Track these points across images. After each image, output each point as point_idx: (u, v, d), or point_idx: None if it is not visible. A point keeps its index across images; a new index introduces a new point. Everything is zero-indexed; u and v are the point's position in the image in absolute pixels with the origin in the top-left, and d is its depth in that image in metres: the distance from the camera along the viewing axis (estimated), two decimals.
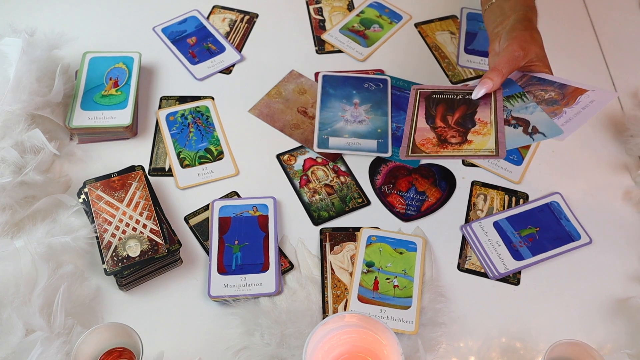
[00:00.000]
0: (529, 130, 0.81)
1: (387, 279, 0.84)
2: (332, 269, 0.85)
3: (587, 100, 0.81)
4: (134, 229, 0.82)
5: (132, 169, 0.88)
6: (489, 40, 0.89)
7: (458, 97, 0.86)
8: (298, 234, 0.88)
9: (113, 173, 0.87)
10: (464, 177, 0.95)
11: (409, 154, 0.82)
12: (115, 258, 0.80)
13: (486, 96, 0.85)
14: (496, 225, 0.90)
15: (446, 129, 0.83)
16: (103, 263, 0.80)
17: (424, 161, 0.95)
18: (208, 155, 0.95)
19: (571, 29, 1.15)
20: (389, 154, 0.96)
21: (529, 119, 0.82)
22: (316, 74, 1.05)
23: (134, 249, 0.81)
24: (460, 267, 0.87)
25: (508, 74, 0.83)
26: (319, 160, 0.96)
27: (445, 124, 0.84)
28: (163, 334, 0.80)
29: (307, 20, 1.13)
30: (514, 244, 0.88)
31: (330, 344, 0.69)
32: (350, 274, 0.84)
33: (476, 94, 0.84)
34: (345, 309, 0.82)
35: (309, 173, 0.94)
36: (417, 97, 0.87)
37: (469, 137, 0.82)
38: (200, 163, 0.94)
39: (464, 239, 0.89)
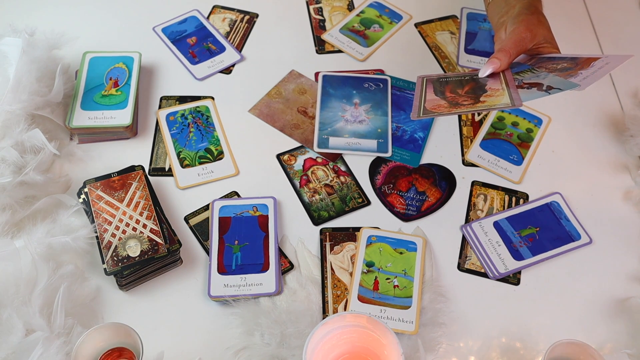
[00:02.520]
0: (544, 88, 0.77)
1: (387, 279, 0.84)
2: (332, 269, 0.85)
3: (602, 63, 0.77)
4: (134, 229, 0.82)
5: (132, 168, 0.88)
6: (493, 32, 0.88)
7: (466, 78, 0.84)
8: (298, 234, 0.88)
9: (113, 173, 0.87)
10: (464, 177, 0.95)
11: (420, 115, 0.78)
12: (115, 258, 0.80)
13: (494, 75, 0.82)
14: (496, 225, 0.90)
15: (457, 97, 0.80)
16: (103, 263, 0.80)
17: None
18: (208, 155, 0.95)
19: (571, 29, 1.15)
20: (389, 154, 0.96)
21: (542, 82, 0.78)
22: (316, 74, 1.05)
23: (134, 249, 0.81)
24: (460, 267, 0.87)
25: (515, 55, 0.81)
26: (319, 160, 0.96)
27: (455, 94, 0.81)
28: (163, 334, 0.80)
29: (307, 20, 1.13)
30: (514, 244, 0.88)
31: (330, 344, 0.69)
32: (350, 274, 0.84)
33: (483, 73, 0.82)
34: (345, 309, 0.82)
35: (309, 173, 0.94)
36: (423, 83, 0.85)
37: (482, 99, 0.78)
38: (200, 163, 0.94)
39: (464, 239, 0.89)
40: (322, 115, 1.00)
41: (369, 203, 0.92)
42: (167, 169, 0.94)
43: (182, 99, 1.01)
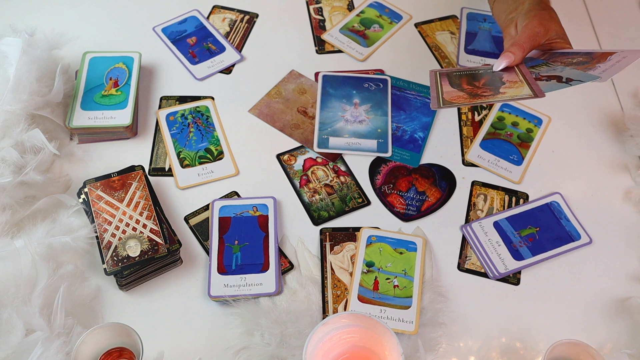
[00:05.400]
0: (563, 80, 0.77)
1: (387, 279, 0.84)
2: (332, 269, 0.85)
3: (619, 57, 0.77)
4: (134, 229, 0.82)
5: (132, 168, 0.88)
6: (501, 30, 0.88)
7: (480, 72, 0.84)
8: (298, 234, 0.88)
9: (113, 173, 0.87)
10: (464, 177, 0.95)
11: (441, 105, 0.77)
12: (115, 258, 0.80)
13: (509, 69, 0.81)
14: (496, 225, 0.90)
15: (475, 89, 0.79)
16: (103, 263, 0.80)
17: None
18: (208, 155, 0.95)
19: (571, 29, 1.14)
20: (389, 154, 0.96)
21: (561, 75, 0.77)
22: (316, 74, 1.05)
23: (134, 249, 0.81)
24: (460, 267, 0.87)
25: (529, 50, 0.81)
26: (319, 160, 0.96)
27: (472, 86, 0.80)
28: (163, 334, 0.80)
29: (307, 20, 1.13)
30: (514, 244, 0.88)
31: (330, 344, 0.69)
32: (350, 274, 0.84)
33: (497, 67, 0.82)
34: (345, 309, 0.82)
35: (309, 173, 0.94)
36: (437, 76, 0.85)
37: (501, 90, 0.77)
38: (200, 163, 0.94)
39: (464, 239, 0.89)
40: (322, 115, 1.00)
41: (369, 203, 0.92)
42: (167, 169, 0.94)
43: (182, 99, 1.01)
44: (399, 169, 0.96)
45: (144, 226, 0.82)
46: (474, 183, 0.95)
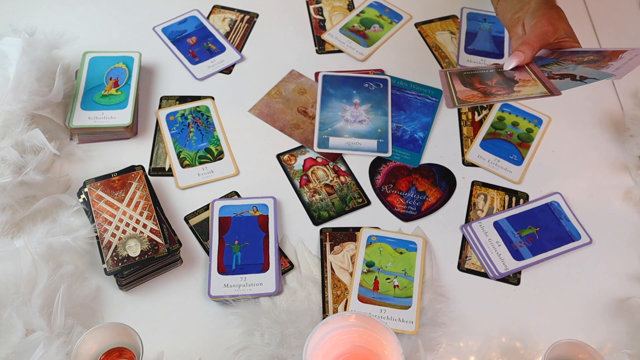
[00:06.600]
0: (577, 78, 0.76)
1: (387, 279, 0.84)
2: (332, 269, 0.85)
3: (632, 54, 0.76)
4: (134, 229, 0.82)
5: (132, 168, 0.88)
6: (507, 30, 0.88)
7: (490, 71, 0.84)
8: (298, 234, 0.88)
9: (113, 173, 0.87)
10: (464, 177, 0.95)
11: (456, 104, 0.77)
12: (115, 258, 0.80)
13: (520, 68, 0.81)
14: (496, 225, 0.90)
15: (489, 88, 0.79)
16: (103, 263, 0.80)
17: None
18: (208, 155, 0.95)
19: None
20: (389, 154, 0.96)
21: (574, 73, 0.77)
22: (316, 74, 1.05)
23: (134, 249, 0.81)
24: (460, 267, 0.87)
25: (539, 48, 0.81)
26: (319, 160, 0.96)
27: (485, 85, 0.80)
28: (163, 334, 0.80)
29: (307, 20, 1.13)
30: (514, 244, 0.88)
31: (331, 344, 0.69)
32: (351, 274, 0.84)
33: (507, 66, 0.82)
34: (345, 309, 0.82)
35: (309, 173, 0.94)
36: (448, 76, 0.85)
37: (515, 89, 0.77)
38: (200, 163, 0.94)
39: (464, 239, 0.89)
40: (322, 115, 1.00)
41: (369, 203, 0.92)
42: (167, 169, 0.94)
43: (182, 99, 1.01)
44: (399, 169, 0.96)
45: (144, 226, 0.82)
46: (474, 183, 0.95)
